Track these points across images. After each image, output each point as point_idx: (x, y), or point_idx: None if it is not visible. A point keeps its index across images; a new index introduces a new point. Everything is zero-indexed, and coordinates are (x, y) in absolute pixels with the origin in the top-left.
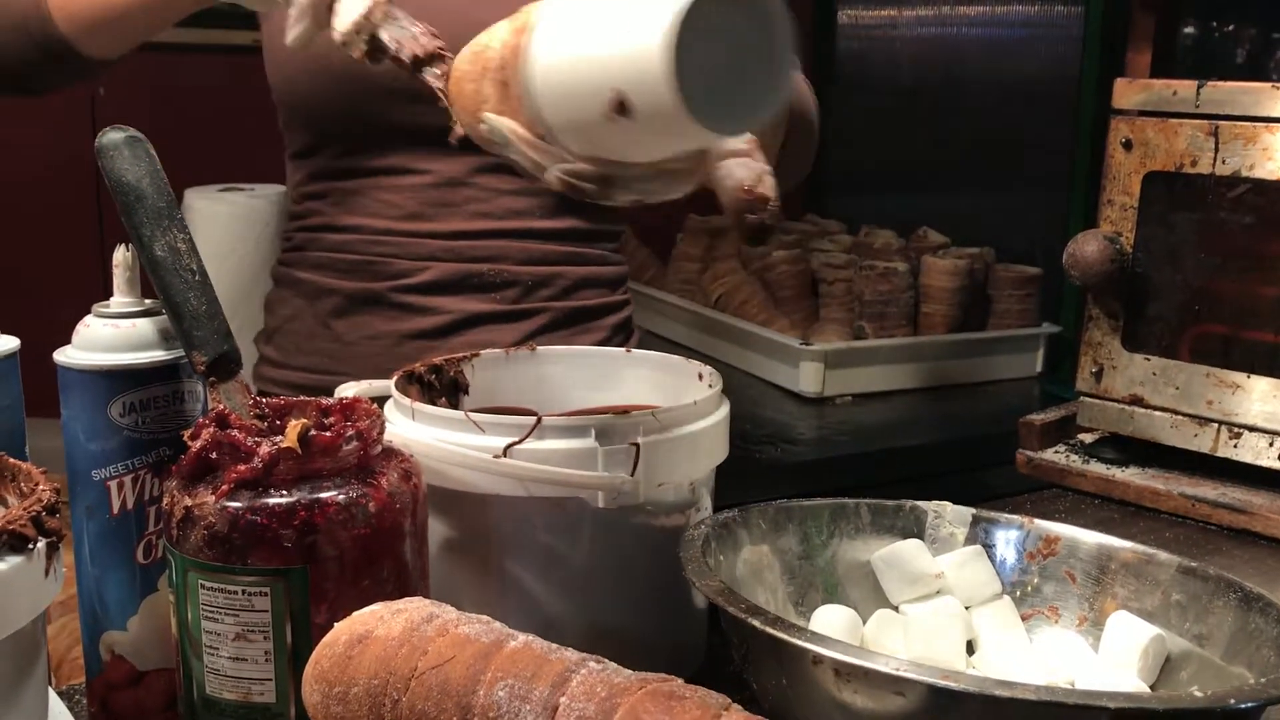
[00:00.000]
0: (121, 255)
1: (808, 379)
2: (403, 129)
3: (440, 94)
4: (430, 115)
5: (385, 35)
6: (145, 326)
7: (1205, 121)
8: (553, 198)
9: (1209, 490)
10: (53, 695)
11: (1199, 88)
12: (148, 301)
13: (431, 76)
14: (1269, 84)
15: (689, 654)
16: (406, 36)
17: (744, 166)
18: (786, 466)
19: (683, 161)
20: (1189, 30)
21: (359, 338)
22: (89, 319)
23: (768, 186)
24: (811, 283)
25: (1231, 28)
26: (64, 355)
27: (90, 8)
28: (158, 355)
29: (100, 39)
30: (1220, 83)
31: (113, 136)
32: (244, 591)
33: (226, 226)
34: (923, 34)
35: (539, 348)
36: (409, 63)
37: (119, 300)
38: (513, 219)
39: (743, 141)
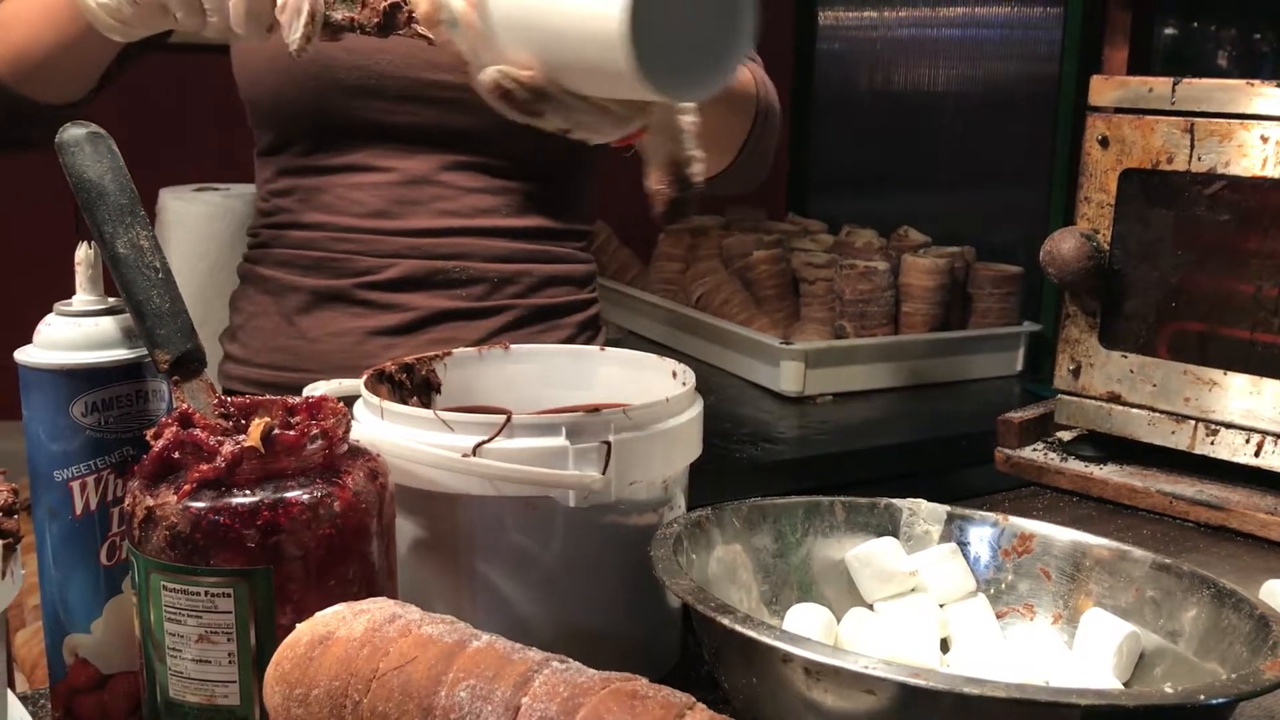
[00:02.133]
0: (84, 253)
1: (788, 378)
2: (367, 126)
3: None
4: (395, 113)
5: (338, 16)
6: (108, 325)
7: (1181, 118)
8: (520, 196)
9: (1186, 487)
10: (14, 700)
11: (1174, 85)
12: (110, 300)
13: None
14: (1244, 81)
15: (663, 654)
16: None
17: (675, 142)
18: (766, 466)
19: (623, 108)
20: (1168, 30)
21: (323, 335)
22: (50, 317)
23: (694, 168)
24: (792, 282)
25: (1212, 27)
26: (25, 354)
27: (16, 55)
28: (120, 354)
29: (39, 85)
30: (1196, 80)
31: (74, 133)
32: (207, 593)
33: (201, 226)
34: (903, 35)
35: (512, 346)
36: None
37: (81, 298)
38: (479, 217)
39: (687, 117)
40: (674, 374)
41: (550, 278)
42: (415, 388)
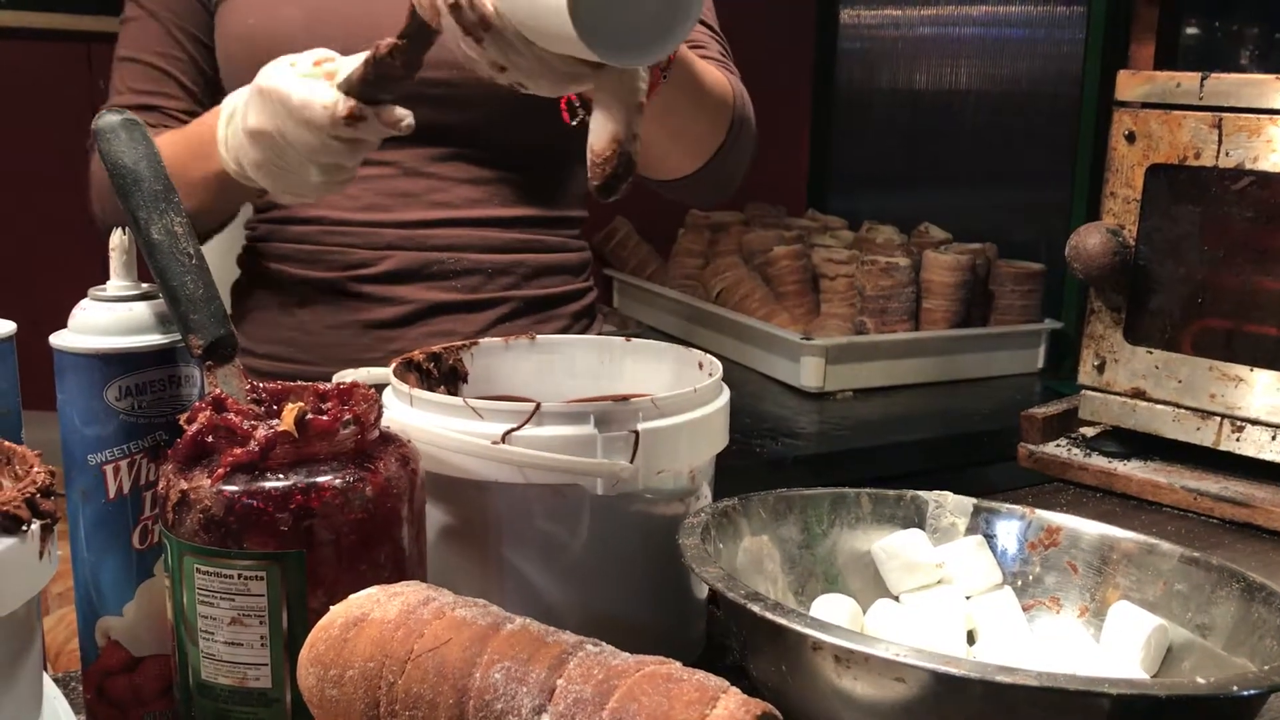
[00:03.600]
0: (118, 238)
1: (809, 374)
2: None
3: None
4: None
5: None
6: (142, 310)
7: (1209, 114)
8: (510, 186)
9: (1211, 484)
10: (48, 680)
11: (1202, 80)
12: (144, 285)
13: None
14: (1273, 76)
15: (688, 644)
16: None
17: (622, 115)
18: (788, 461)
19: (567, 66)
20: (1191, 30)
21: (321, 327)
22: (85, 302)
23: (634, 146)
24: (813, 278)
25: (1235, 26)
26: (60, 339)
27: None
28: (154, 339)
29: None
30: (1224, 75)
31: (110, 119)
32: (240, 576)
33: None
34: (925, 33)
35: (538, 337)
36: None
37: (116, 284)
38: (471, 207)
39: (637, 92)
40: (700, 365)
41: (544, 267)
42: (442, 377)
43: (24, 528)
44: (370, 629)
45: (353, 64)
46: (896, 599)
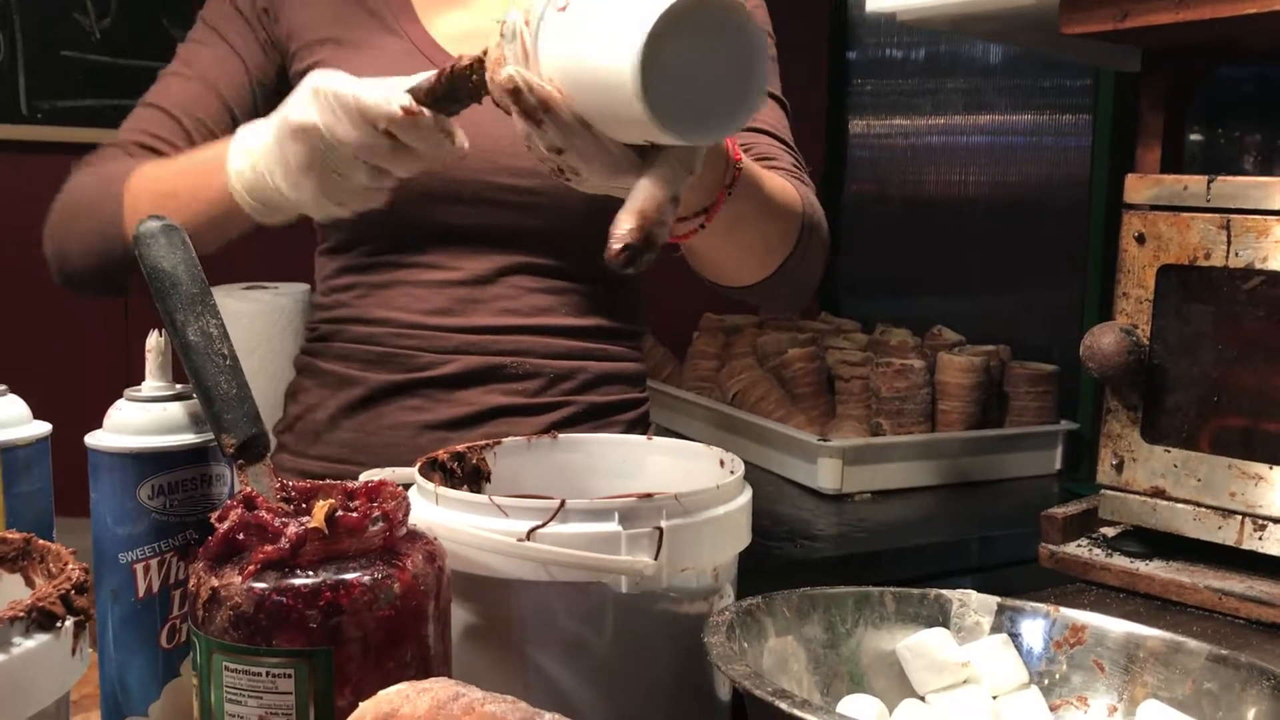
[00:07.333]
0: (154, 340)
1: (826, 475)
2: (439, 229)
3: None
4: (467, 216)
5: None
6: (176, 410)
7: (1217, 215)
8: (579, 296)
9: (1236, 583)
10: None
11: (1209, 183)
12: (179, 386)
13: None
14: (1278, 179)
15: None
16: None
17: (649, 200)
18: (806, 563)
19: (621, 153)
20: (1195, 136)
21: (380, 428)
22: (120, 402)
23: (661, 232)
24: (828, 380)
25: (1238, 133)
26: (95, 438)
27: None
28: (187, 438)
29: None
30: (1230, 177)
31: (149, 225)
32: (268, 673)
33: (251, 324)
34: (933, 141)
35: (560, 436)
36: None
37: (151, 384)
38: (539, 315)
39: (677, 185)
40: (721, 462)
41: (604, 375)
42: (466, 476)
43: (58, 624)
44: None
45: (413, 80)
46: (923, 699)
